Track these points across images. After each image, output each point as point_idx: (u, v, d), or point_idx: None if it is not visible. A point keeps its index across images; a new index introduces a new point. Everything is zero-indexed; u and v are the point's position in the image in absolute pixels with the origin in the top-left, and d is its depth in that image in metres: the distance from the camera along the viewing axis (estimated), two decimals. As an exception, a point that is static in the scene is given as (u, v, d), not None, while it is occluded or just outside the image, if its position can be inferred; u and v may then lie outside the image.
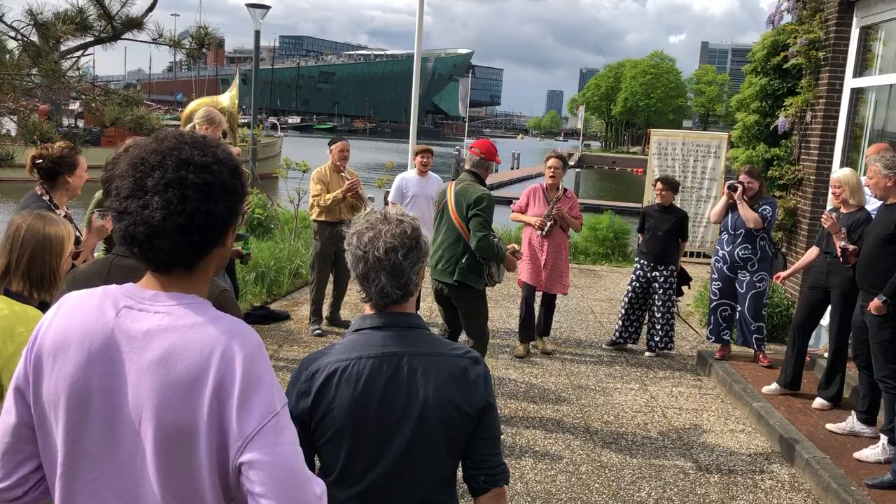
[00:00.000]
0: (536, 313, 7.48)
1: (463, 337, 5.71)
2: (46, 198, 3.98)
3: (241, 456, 1.41)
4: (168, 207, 1.43)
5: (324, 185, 7.24)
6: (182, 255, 1.48)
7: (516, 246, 5.52)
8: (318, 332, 7.45)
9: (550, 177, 7.09)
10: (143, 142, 1.52)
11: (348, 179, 7.24)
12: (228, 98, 6.97)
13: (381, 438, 1.91)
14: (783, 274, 6.49)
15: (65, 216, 3.98)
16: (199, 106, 6.41)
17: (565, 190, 7.28)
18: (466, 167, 5.51)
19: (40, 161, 3.88)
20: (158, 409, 1.42)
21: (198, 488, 1.45)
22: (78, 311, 1.51)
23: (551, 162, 7.10)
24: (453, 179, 5.60)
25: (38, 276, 2.59)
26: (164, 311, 1.48)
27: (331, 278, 7.68)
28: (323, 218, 7.26)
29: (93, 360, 1.46)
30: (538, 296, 7.48)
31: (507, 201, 6.96)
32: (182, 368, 1.42)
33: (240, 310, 2.32)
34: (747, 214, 6.75)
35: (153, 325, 1.46)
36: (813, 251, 6.15)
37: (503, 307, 8.84)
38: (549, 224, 7.06)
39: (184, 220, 1.44)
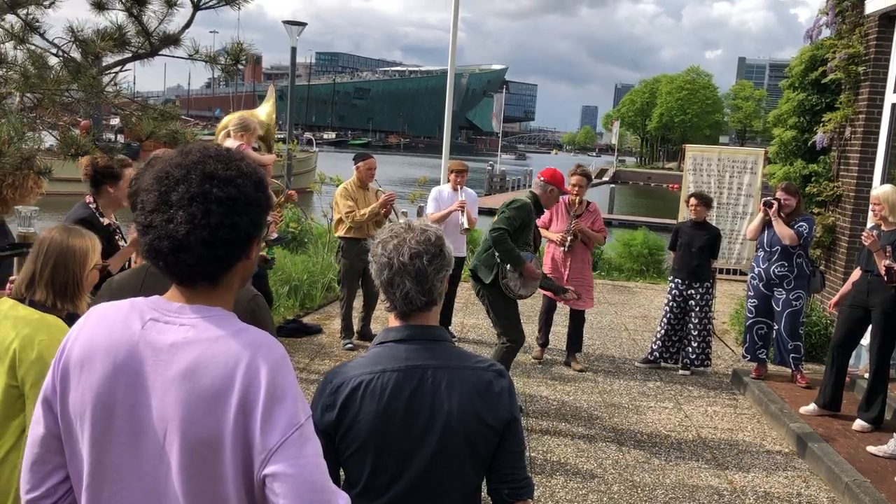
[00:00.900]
0: (567, 328, 7.55)
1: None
2: (93, 206, 4.09)
3: (264, 468, 1.41)
4: (192, 222, 1.43)
5: (353, 201, 7.27)
6: (206, 268, 1.49)
7: (573, 290, 6.16)
8: (350, 346, 7.48)
9: (574, 194, 7.12)
10: (168, 155, 1.53)
11: (383, 193, 7.31)
12: (265, 113, 7.05)
13: (406, 451, 1.91)
14: (832, 302, 6.33)
15: (108, 224, 4.07)
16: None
17: (588, 203, 7.35)
18: (531, 190, 6.03)
19: (89, 169, 4.00)
20: (184, 421, 1.43)
21: (223, 501, 1.45)
22: (105, 323, 1.52)
23: (575, 179, 7.14)
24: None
25: (60, 285, 2.61)
26: (189, 323, 1.48)
27: (360, 293, 7.73)
28: (351, 235, 7.28)
29: (118, 372, 1.47)
30: (566, 312, 7.54)
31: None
32: (207, 381, 1.43)
33: (271, 315, 2.34)
34: (783, 231, 6.65)
35: (178, 337, 1.47)
36: (857, 272, 6.02)
37: (535, 323, 8.78)
38: (570, 239, 7.14)
39: (208, 235, 1.44)
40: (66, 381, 1.51)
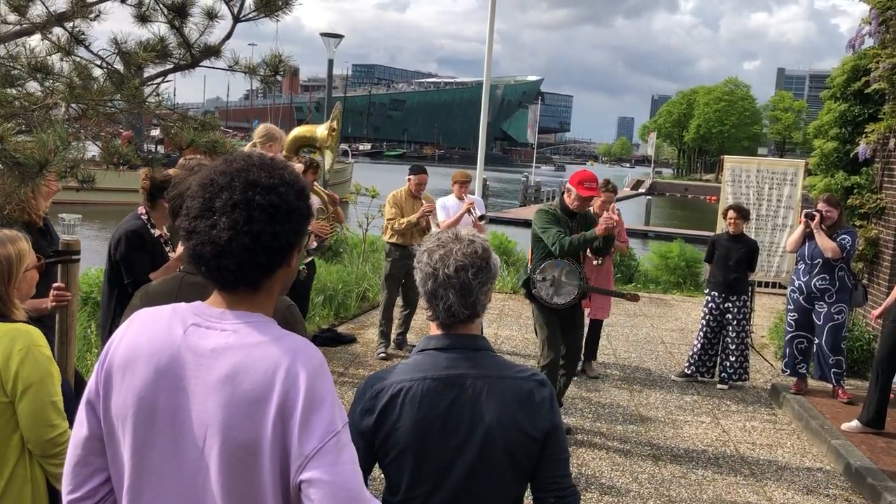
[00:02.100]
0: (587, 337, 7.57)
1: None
2: (146, 217, 4.14)
3: (301, 474, 1.42)
4: (235, 228, 1.46)
5: (398, 209, 7.45)
6: (248, 274, 1.51)
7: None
8: (384, 355, 7.50)
9: (606, 210, 7.15)
10: (213, 163, 1.57)
11: (424, 203, 7.42)
12: (324, 127, 7.22)
13: (446, 460, 1.90)
14: (875, 312, 6.22)
15: (159, 236, 4.13)
16: (299, 133, 6.67)
17: None
18: None
19: (146, 182, 4.03)
20: (224, 426, 1.44)
21: (261, 507, 1.46)
22: (147, 328, 1.55)
23: (604, 196, 7.17)
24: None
25: None
26: (230, 329, 1.50)
27: (399, 302, 7.76)
28: (395, 240, 7.42)
29: (160, 376, 1.49)
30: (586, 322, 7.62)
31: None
32: (248, 386, 1.44)
33: (304, 325, 2.34)
34: (824, 244, 6.53)
35: (220, 342, 1.49)
36: None
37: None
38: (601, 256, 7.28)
39: (250, 241, 1.46)
40: (109, 384, 1.53)
